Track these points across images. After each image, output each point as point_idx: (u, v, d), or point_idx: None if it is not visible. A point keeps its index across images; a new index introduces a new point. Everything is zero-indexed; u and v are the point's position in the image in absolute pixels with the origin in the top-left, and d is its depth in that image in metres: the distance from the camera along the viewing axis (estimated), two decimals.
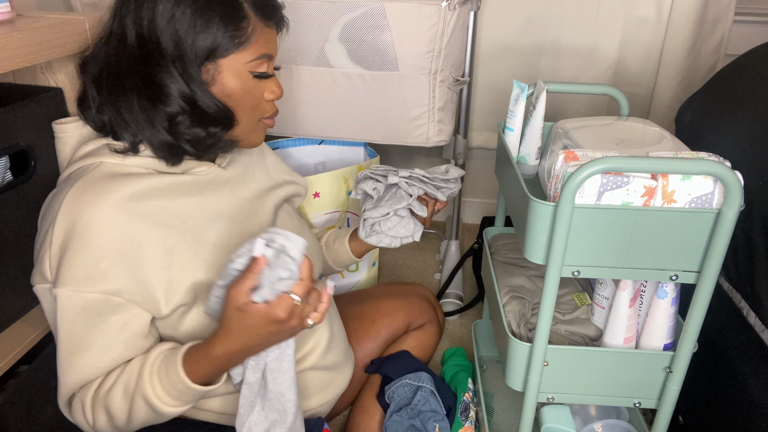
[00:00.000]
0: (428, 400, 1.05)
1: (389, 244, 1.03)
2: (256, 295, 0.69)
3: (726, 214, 0.74)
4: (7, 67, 0.76)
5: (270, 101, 0.85)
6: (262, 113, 0.86)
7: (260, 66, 0.81)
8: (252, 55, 0.79)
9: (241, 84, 0.80)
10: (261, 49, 0.80)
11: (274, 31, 0.83)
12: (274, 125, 0.91)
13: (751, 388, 0.87)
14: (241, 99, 0.81)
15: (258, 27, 0.79)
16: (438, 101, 1.33)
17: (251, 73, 0.80)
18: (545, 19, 1.52)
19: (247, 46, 0.79)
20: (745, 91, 0.99)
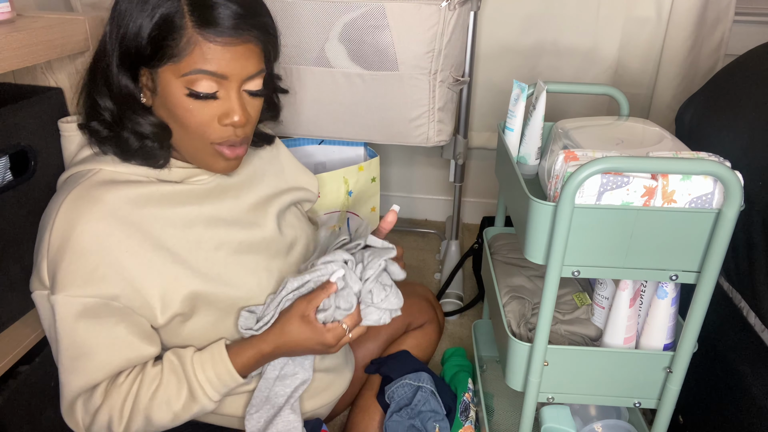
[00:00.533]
0: (428, 400, 1.05)
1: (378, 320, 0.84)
2: (320, 314, 0.79)
3: (726, 214, 0.74)
4: (7, 67, 0.76)
5: (227, 126, 0.76)
6: (213, 138, 0.76)
7: (197, 83, 0.72)
8: (186, 68, 0.71)
9: (178, 101, 0.73)
10: (197, 64, 0.71)
11: (230, 48, 0.72)
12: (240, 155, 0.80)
13: (751, 388, 0.87)
14: (182, 118, 0.75)
15: (196, 39, 0.71)
16: (438, 101, 1.33)
17: (187, 90, 0.73)
18: (545, 19, 1.52)
19: (181, 59, 0.71)
20: (745, 91, 0.99)
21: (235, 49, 0.72)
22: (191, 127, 0.75)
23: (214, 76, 0.73)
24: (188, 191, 0.82)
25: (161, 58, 0.72)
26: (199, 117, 0.75)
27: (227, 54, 0.72)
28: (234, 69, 0.73)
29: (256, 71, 0.76)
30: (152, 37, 0.71)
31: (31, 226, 0.82)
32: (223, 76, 0.73)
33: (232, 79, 0.74)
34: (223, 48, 0.72)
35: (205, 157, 0.80)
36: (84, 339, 0.74)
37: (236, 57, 0.73)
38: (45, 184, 0.85)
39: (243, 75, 0.74)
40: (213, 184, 0.85)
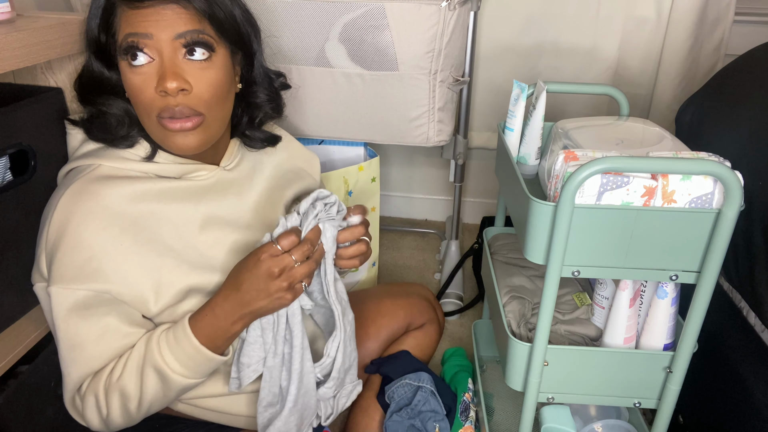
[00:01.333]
0: (428, 400, 1.05)
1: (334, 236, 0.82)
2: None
3: (726, 214, 0.74)
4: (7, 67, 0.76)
5: (161, 93, 0.74)
6: (151, 109, 0.75)
7: (128, 50, 0.73)
8: (120, 41, 0.75)
9: (125, 77, 0.76)
10: (123, 31, 0.74)
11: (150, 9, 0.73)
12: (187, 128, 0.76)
13: (751, 388, 0.87)
14: (130, 94, 0.77)
15: (122, 10, 0.74)
16: (438, 101, 1.33)
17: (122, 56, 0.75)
18: (545, 19, 1.52)
19: (117, 31, 0.75)
20: (745, 91, 0.99)
21: (154, 9, 0.73)
22: (138, 102, 0.76)
23: (138, 37, 0.73)
24: (186, 187, 0.83)
25: (111, 43, 0.77)
26: (139, 88, 0.75)
27: (147, 14, 0.73)
28: (156, 27, 0.73)
29: (186, 29, 0.73)
30: (100, 25, 0.77)
31: (31, 226, 0.82)
32: (145, 35, 0.73)
33: (158, 39, 0.73)
34: (145, 10, 0.73)
35: (160, 136, 0.78)
36: (77, 330, 0.75)
37: (157, 17, 0.73)
38: (45, 184, 0.85)
39: (170, 33, 0.73)
40: (213, 179, 0.85)
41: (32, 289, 0.79)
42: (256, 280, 0.74)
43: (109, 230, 0.75)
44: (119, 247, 0.75)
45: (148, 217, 0.78)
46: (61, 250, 0.74)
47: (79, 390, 0.78)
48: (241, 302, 0.75)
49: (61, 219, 0.74)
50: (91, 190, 0.76)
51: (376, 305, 1.20)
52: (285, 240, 0.74)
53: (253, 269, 0.74)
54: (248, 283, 0.74)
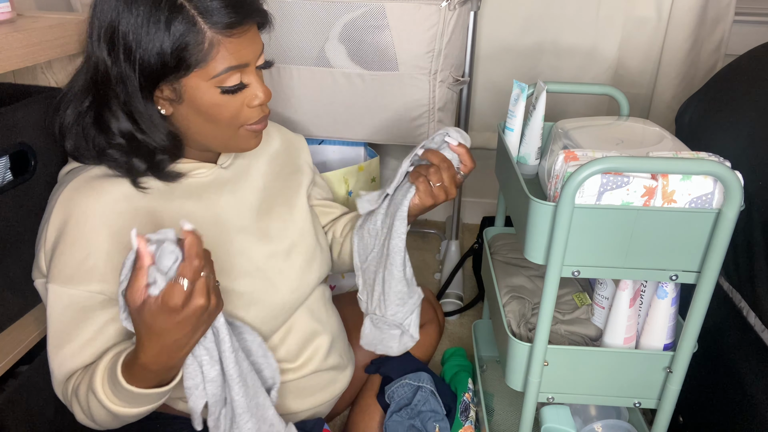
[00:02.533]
0: (428, 400, 1.05)
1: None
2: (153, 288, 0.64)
3: (726, 214, 0.74)
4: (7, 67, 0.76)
5: (255, 107, 0.79)
6: (244, 121, 0.80)
7: (228, 80, 0.75)
8: (215, 70, 0.73)
9: (211, 101, 0.75)
10: (225, 62, 0.73)
11: (243, 37, 0.75)
12: (266, 126, 0.85)
13: (751, 388, 0.87)
14: (215, 114, 0.77)
15: (217, 40, 0.72)
16: (438, 101, 1.33)
17: (219, 89, 0.75)
18: (545, 19, 1.52)
19: (207, 62, 0.73)
20: (745, 91, 0.99)
21: (247, 36, 0.75)
22: (224, 120, 0.78)
23: (239, 68, 0.75)
24: (186, 185, 0.83)
25: (187, 68, 0.72)
26: (232, 108, 0.77)
27: (244, 42, 0.75)
28: (250, 54, 0.76)
29: (262, 46, 0.79)
30: (175, 50, 0.71)
31: (31, 226, 0.82)
32: (246, 64, 0.76)
33: (252, 62, 0.77)
34: (239, 39, 0.74)
35: (238, 141, 0.82)
36: (67, 329, 0.76)
37: (249, 42, 0.76)
38: (45, 184, 0.85)
39: (257, 56, 0.78)
40: (212, 177, 0.86)
41: (32, 288, 0.80)
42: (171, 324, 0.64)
43: (107, 228, 0.75)
44: (116, 246, 0.75)
45: (147, 214, 0.78)
46: (60, 247, 0.74)
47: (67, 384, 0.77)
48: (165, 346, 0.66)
49: (61, 216, 0.75)
50: (91, 187, 0.76)
51: None
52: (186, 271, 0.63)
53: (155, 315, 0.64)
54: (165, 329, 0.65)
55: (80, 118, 0.78)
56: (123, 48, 0.72)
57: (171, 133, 0.78)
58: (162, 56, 0.71)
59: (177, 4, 0.70)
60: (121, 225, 0.76)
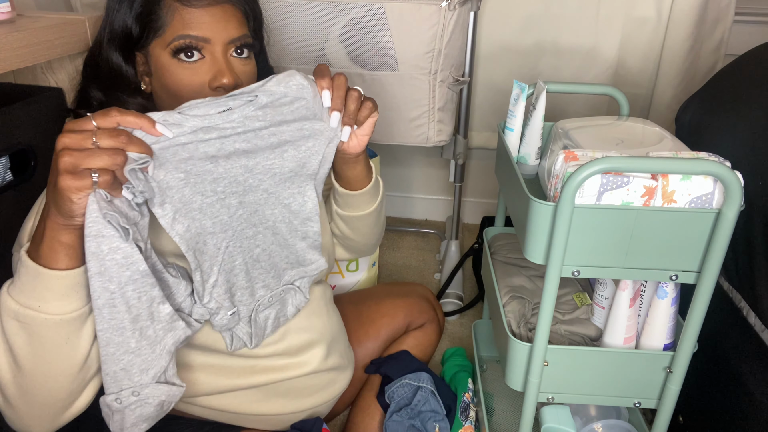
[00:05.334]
0: (428, 400, 1.05)
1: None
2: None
3: (726, 214, 0.74)
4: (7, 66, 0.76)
5: (216, 90, 0.77)
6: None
7: (182, 49, 0.75)
8: (170, 37, 0.75)
9: (169, 71, 0.76)
10: (178, 30, 0.75)
11: (204, 10, 0.75)
12: None
13: (751, 388, 0.87)
14: (174, 86, 0.77)
15: (174, 7, 0.75)
16: (438, 101, 1.33)
17: (172, 53, 0.76)
18: (545, 19, 1.52)
19: (164, 29, 0.75)
20: (745, 91, 0.99)
21: (212, 10, 0.75)
22: (184, 94, 0.77)
23: (197, 40, 0.75)
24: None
25: (148, 34, 0.75)
26: (190, 82, 0.77)
27: (206, 16, 0.75)
28: (215, 31, 0.76)
29: (239, 34, 0.78)
30: (137, 15, 0.75)
31: None
32: (205, 39, 0.75)
33: (215, 42, 0.76)
34: (200, 11, 0.75)
35: None
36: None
37: (215, 19, 0.75)
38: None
39: (225, 37, 0.77)
40: None
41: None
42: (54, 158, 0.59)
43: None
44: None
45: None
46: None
47: None
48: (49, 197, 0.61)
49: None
50: None
51: (375, 305, 1.21)
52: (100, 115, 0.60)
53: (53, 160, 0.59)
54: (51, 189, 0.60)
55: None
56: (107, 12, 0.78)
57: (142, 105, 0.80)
58: (126, 21, 0.76)
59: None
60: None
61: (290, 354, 0.93)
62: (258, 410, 0.92)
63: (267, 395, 0.92)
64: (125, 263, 0.63)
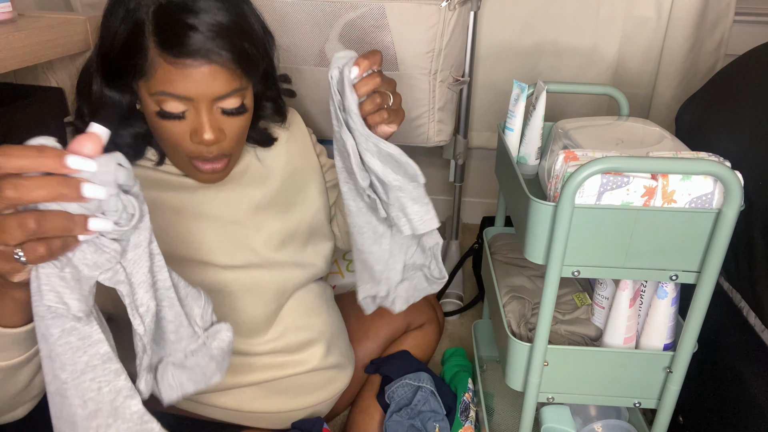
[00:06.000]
0: (428, 400, 1.05)
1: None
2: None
3: (726, 214, 0.74)
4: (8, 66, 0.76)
5: (197, 144, 0.74)
6: (186, 152, 0.75)
7: (164, 103, 0.71)
8: (153, 88, 0.70)
9: (152, 117, 0.73)
10: (159, 86, 0.69)
11: (188, 71, 0.68)
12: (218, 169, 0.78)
13: (751, 388, 0.87)
14: (157, 132, 0.75)
15: (158, 61, 0.68)
16: (438, 101, 1.33)
17: (156, 109, 0.72)
18: (545, 19, 1.52)
19: (148, 77, 0.70)
20: (745, 91, 0.99)
21: (198, 71, 0.69)
22: (166, 141, 0.76)
23: (178, 99, 0.71)
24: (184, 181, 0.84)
25: (133, 75, 0.71)
26: (171, 134, 0.74)
27: (190, 77, 0.69)
28: (199, 91, 0.70)
29: (226, 92, 0.72)
30: (122, 54, 0.70)
31: None
32: (188, 98, 0.71)
33: (200, 100, 0.71)
34: (184, 71, 0.68)
35: (185, 167, 0.80)
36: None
37: (200, 79, 0.69)
38: None
39: (210, 96, 0.71)
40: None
41: None
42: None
43: None
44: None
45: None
46: None
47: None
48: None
49: None
50: None
51: None
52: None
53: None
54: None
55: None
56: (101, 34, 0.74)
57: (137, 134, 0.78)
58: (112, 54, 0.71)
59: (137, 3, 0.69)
60: None
61: (289, 351, 0.93)
62: (258, 408, 0.92)
63: (267, 393, 0.92)
64: (81, 346, 0.51)
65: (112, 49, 0.71)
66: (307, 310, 0.96)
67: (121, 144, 0.78)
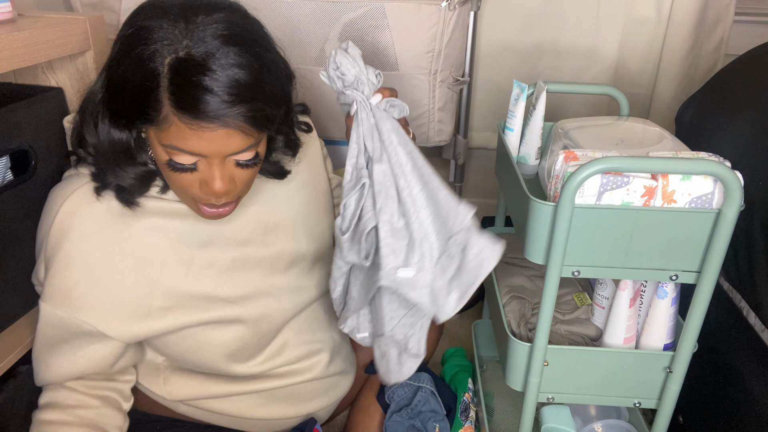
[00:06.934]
0: (428, 400, 1.05)
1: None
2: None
3: (726, 214, 0.74)
4: (7, 66, 0.76)
5: (207, 194, 0.72)
6: (195, 197, 0.73)
7: (177, 156, 0.68)
8: (165, 140, 0.67)
9: (162, 162, 0.70)
10: (172, 140, 0.66)
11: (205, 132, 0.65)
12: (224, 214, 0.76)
13: (751, 388, 0.87)
14: (165, 176, 0.73)
15: (172, 119, 0.65)
16: (438, 101, 1.33)
17: (166, 159, 0.69)
18: (545, 19, 1.52)
19: (160, 129, 0.66)
20: (745, 91, 0.99)
21: (213, 133, 0.65)
22: (173, 186, 0.74)
23: (192, 155, 0.68)
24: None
25: (143, 121, 0.67)
26: (180, 182, 0.71)
27: (204, 137, 0.66)
28: (212, 150, 0.67)
29: (241, 149, 0.69)
30: (133, 101, 0.66)
31: (31, 226, 0.82)
32: (201, 155, 0.68)
33: (212, 156, 0.68)
34: (199, 132, 0.65)
35: (190, 206, 0.77)
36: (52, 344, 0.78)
37: (215, 139, 0.66)
38: (45, 185, 0.84)
39: (224, 153, 0.69)
40: None
41: (32, 288, 0.81)
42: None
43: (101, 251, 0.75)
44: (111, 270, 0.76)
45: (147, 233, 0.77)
46: (53, 267, 0.75)
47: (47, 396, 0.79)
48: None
49: (57, 236, 0.75)
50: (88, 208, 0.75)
51: None
52: None
53: None
54: None
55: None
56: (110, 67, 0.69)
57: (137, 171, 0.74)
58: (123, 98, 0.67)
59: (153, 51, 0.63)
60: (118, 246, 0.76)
61: (291, 363, 0.92)
62: (259, 415, 0.92)
63: (268, 400, 0.92)
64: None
65: (122, 93, 0.67)
66: (310, 326, 0.95)
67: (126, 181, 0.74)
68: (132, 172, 0.74)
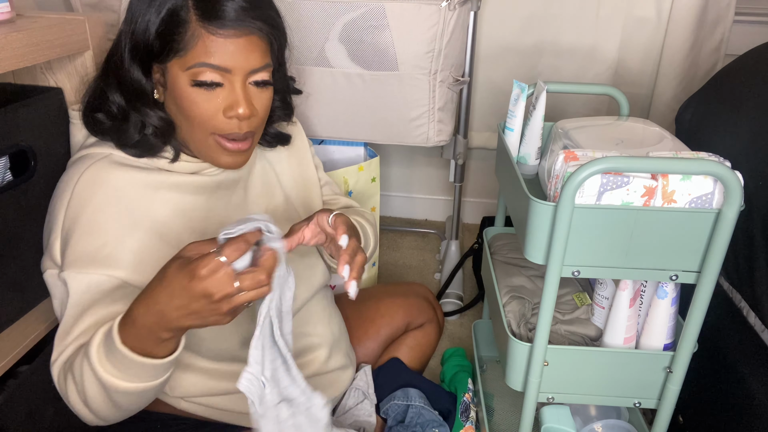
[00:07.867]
0: (421, 414, 1.04)
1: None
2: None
3: (726, 214, 0.74)
4: (7, 66, 0.76)
5: (230, 118, 0.77)
6: (215, 129, 0.78)
7: (201, 74, 0.74)
8: (191, 61, 0.74)
9: (184, 93, 0.76)
10: (201, 57, 0.74)
11: (230, 41, 0.74)
12: (243, 149, 0.80)
13: (751, 388, 0.87)
14: (188, 110, 0.77)
15: (200, 33, 0.73)
16: (438, 101, 1.33)
17: (192, 81, 0.75)
18: (545, 19, 1.52)
19: (186, 52, 0.74)
20: (745, 91, 0.99)
21: (237, 41, 0.74)
22: (196, 119, 0.77)
23: (218, 70, 0.75)
24: (199, 182, 0.84)
25: (168, 52, 0.74)
26: (205, 109, 0.76)
27: (230, 47, 0.74)
28: (237, 62, 0.75)
29: (260, 65, 0.77)
30: (159, 32, 0.74)
31: (31, 226, 0.82)
32: (226, 69, 0.75)
33: (236, 72, 0.75)
34: (225, 40, 0.74)
35: (209, 151, 0.81)
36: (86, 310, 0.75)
37: (239, 49, 0.75)
38: (45, 184, 0.85)
39: (247, 68, 0.76)
40: (222, 176, 0.87)
41: (32, 288, 0.80)
42: (188, 300, 0.61)
43: (123, 218, 0.76)
44: (133, 235, 0.77)
45: (162, 205, 0.79)
46: (75, 235, 0.75)
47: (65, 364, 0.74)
48: (166, 319, 0.63)
49: (77, 205, 0.76)
50: (107, 177, 0.77)
51: (375, 305, 1.20)
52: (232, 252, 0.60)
53: (188, 286, 0.60)
54: (178, 300, 0.61)
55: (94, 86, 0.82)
56: (128, 18, 0.76)
57: (161, 118, 0.80)
58: (147, 34, 0.75)
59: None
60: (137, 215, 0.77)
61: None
62: None
63: None
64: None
65: (149, 28, 0.74)
66: (307, 320, 0.95)
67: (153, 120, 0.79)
68: (156, 114, 0.79)
